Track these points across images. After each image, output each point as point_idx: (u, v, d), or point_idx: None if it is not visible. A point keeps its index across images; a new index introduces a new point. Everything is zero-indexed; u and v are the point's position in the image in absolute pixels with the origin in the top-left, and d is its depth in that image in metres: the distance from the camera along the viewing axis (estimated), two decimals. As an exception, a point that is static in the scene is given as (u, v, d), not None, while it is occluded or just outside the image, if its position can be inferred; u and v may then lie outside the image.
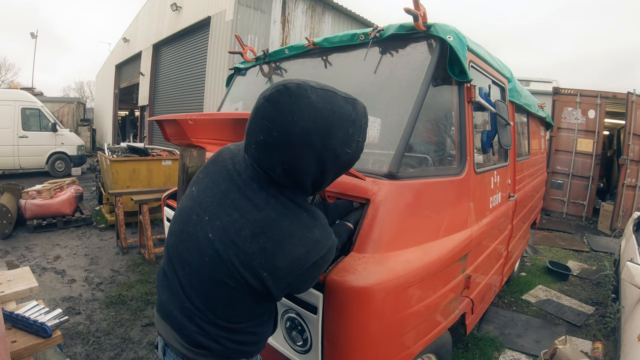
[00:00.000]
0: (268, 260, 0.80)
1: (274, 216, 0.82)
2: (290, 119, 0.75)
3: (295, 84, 0.78)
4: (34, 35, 19.98)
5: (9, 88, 10.10)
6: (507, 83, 2.47)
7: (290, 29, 8.98)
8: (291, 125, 0.75)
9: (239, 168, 0.90)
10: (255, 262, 0.81)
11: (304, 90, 0.77)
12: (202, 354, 0.91)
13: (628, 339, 1.96)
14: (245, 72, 2.65)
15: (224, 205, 0.86)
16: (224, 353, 0.91)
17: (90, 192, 7.45)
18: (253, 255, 0.81)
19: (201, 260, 0.86)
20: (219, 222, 0.85)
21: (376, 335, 1.29)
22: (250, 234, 0.81)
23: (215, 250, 0.84)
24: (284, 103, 0.76)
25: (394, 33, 1.70)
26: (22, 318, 1.74)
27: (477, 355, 2.53)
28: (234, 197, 0.86)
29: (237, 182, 0.88)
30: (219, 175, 0.92)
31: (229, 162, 0.93)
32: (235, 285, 0.83)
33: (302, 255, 0.82)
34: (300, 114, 0.75)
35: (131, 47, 14.18)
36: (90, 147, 15.01)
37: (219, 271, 0.83)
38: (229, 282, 0.83)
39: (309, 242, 0.83)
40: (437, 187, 1.59)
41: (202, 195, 0.91)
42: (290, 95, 0.76)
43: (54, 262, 3.96)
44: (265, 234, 0.81)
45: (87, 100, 29.19)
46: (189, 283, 0.89)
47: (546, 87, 13.15)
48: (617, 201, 6.30)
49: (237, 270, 0.82)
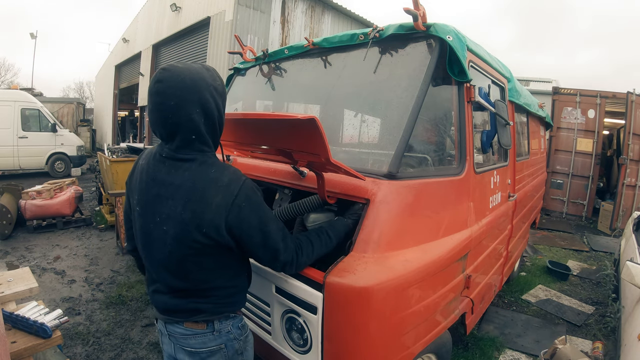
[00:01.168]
0: (202, 217, 1.00)
1: (190, 184, 1.02)
2: (174, 87, 0.98)
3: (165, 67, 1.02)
4: (33, 36, 19.97)
5: (9, 88, 10.10)
6: (507, 83, 2.47)
7: (289, 29, 8.98)
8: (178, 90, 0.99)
9: (156, 165, 1.08)
10: (194, 223, 1.00)
11: (174, 67, 1.01)
12: (200, 317, 1.12)
13: (628, 338, 1.96)
14: (245, 73, 2.65)
15: (161, 203, 1.05)
16: (217, 310, 1.13)
17: (90, 193, 7.45)
18: (191, 220, 1.00)
19: (166, 249, 1.05)
20: (164, 215, 1.04)
21: (376, 335, 1.29)
22: (182, 207, 1.01)
23: (171, 236, 1.03)
24: (166, 80, 0.98)
25: (393, 33, 1.70)
26: (22, 318, 1.74)
27: (477, 355, 2.53)
28: (162, 191, 1.05)
29: (158, 177, 1.06)
30: (144, 185, 1.10)
31: (145, 169, 1.11)
32: (195, 252, 1.03)
33: (220, 201, 1.00)
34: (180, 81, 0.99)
35: (131, 48, 14.18)
36: (90, 148, 15.00)
37: (181, 249, 1.03)
38: (189, 252, 1.03)
39: (221, 189, 1.01)
40: (436, 187, 1.59)
41: (145, 207, 1.10)
42: (166, 71, 1.00)
43: (54, 262, 3.96)
44: (190, 199, 1.01)
45: (86, 100, 29.17)
46: (165, 271, 1.09)
47: (546, 86, 13.15)
48: (617, 201, 6.30)
49: (190, 239, 1.01)
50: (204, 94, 1.01)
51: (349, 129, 2.04)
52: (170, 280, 1.10)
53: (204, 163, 1.04)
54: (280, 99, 2.59)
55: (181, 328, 1.13)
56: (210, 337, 1.13)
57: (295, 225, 1.64)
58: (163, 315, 1.15)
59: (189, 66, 1.02)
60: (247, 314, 1.67)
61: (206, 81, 1.02)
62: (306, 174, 1.58)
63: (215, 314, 1.13)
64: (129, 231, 1.25)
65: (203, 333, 1.13)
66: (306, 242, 1.23)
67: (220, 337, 1.14)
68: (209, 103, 1.02)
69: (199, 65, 1.05)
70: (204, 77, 1.02)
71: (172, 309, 1.13)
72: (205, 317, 1.12)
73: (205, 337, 1.13)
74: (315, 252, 1.24)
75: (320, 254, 1.27)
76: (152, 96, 1.00)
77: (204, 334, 1.13)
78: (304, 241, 1.23)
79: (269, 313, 1.51)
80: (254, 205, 1.04)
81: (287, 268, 1.18)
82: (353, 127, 2.03)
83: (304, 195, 1.56)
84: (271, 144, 1.43)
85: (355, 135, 2.06)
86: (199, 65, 1.06)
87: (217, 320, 1.13)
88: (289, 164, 1.57)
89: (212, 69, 1.09)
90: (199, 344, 1.13)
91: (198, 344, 1.13)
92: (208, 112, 1.03)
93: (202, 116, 1.02)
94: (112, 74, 16.54)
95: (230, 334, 1.16)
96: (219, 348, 1.14)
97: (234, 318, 1.18)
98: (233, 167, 1.07)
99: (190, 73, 1.00)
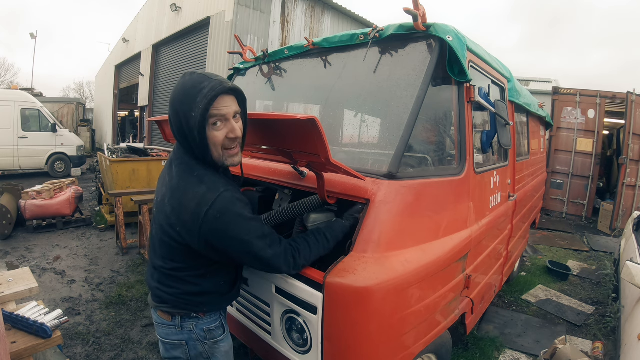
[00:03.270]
0: (178, 215, 1.08)
1: (175, 182, 1.12)
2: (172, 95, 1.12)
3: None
4: (33, 36, 19.97)
5: (9, 89, 10.10)
6: (507, 83, 2.47)
7: (289, 29, 8.98)
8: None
9: (173, 161, 1.19)
10: (172, 219, 1.09)
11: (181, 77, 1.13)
12: (164, 307, 1.20)
13: (628, 338, 1.96)
14: (245, 73, 2.65)
15: (165, 190, 1.16)
16: (178, 304, 1.18)
17: (90, 193, 7.45)
18: (170, 214, 1.10)
19: (156, 230, 1.18)
20: (159, 198, 1.18)
21: (376, 336, 1.29)
22: (168, 200, 1.11)
23: (157, 220, 1.17)
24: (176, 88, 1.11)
25: (393, 33, 1.70)
26: (22, 319, 1.73)
27: (477, 355, 2.53)
28: (167, 181, 1.17)
29: (170, 170, 1.18)
30: (165, 174, 1.22)
31: (168, 163, 1.23)
32: (169, 240, 1.12)
33: (195, 208, 1.05)
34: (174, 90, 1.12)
35: (131, 48, 14.18)
36: (90, 148, 15.00)
37: (162, 233, 1.14)
38: (164, 238, 1.13)
39: (197, 196, 1.06)
40: (436, 187, 1.59)
41: (159, 192, 1.22)
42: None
43: (54, 262, 3.95)
44: (173, 196, 1.10)
45: (86, 100, 29.18)
46: (153, 252, 1.21)
47: (546, 87, 13.15)
48: (617, 201, 6.30)
49: (168, 228, 1.11)
50: (176, 106, 1.12)
51: (349, 129, 2.04)
52: (153, 258, 1.21)
53: (190, 169, 1.13)
54: (280, 99, 2.59)
55: (156, 315, 1.24)
56: (173, 330, 1.21)
57: (295, 225, 1.64)
58: (150, 298, 1.26)
59: (184, 77, 1.14)
60: (247, 314, 1.68)
61: (175, 93, 1.14)
62: (306, 174, 1.58)
63: (176, 307, 1.19)
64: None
65: (168, 325, 1.21)
66: (303, 244, 1.24)
67: (182, 334, 1.21)
68: (179, 116, 1.12)
69: (188, 75, 1.13)
70: (177, 90, 1.12)
71: (151, 286, 1.24)
72: (167, 309, 1.19)
73: (169, 329, 1.22)
74: (313, 254, 1.26)
75: (318, 255, 1.28)
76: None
77: (168, 325, 1.21)
78: (301, 243, 1.24)
79: (269, 313, 1.51)
80: (230, 216, 1.06)
81: (284, 271, 1.19)
82: (353, 127, 2.03)
83: (304, 195, 1.56)
84: (271, 144, 1.43)
85: (355, 136, 2.06)
86: (190, 74, 1.13)
87: (178, 315, 1.20)
88: (289, 164, 1.57)
89: (194, 78, 1.13)
90: (164, 334, 1.23)
91: (164, 334, 1.23)
92: (180, 125, 1.12)
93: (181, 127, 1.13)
94: (112, 74, 16.54)
95: (192, 333, 1.21)
96: (180, 344, 1.22)
97: (197, 319, 1.22)
98: (214, 177, 1.13)
99: (178, 85, 1.13)
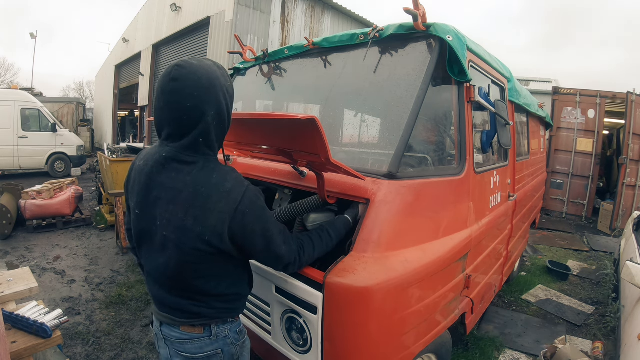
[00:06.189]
0: (204, 223, 0.97)
1: (192, 189, 0.98)
2: (187, 87, 0.95)
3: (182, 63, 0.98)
4: (33, 36, 19.98)
5: (9, 88, 10.09)
6: (507, 83, 2.47)
7: (289, 29, 8.98)
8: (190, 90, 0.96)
9: (156, 166, 1.04)
10: (197, 230, 0.97)
11: (189, 64, 0.97)
12: (197, 321, 1.10)
13: (628, 338, 1.96)
14: (245, 73, 2.65)
15: (161, 206, 1.02)
16: (212, 314, 1.10)
17: (90, 193, 7.44)
18: (193, 227, 0.97)
19: (166, 254, 1.03)
20: (165, 220, 1.01)
21: (376, 335, 1.29)
22: (184, 213, 0.98)
23: (172, 241, 1.00)
24: (182, 78, 0.95)
25: (393, 33, 1.70)
26: (22, 318, 1.74)
27: (477, 355, 2.53)
28: (162, 194, 1.02)
29: (169, 175, 1.02)
30: (143, 187, 1.07)
31: (143, 170, 1.07)
32: (195, 260, 1.00)
33: (224, 207, 0.97)
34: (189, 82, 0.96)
35: (131, 48, 14.18)
36: (90, 148, 15.00)
37: (181, 255, 1.00)
38: (189, 259, 1.00)
39: (224, 195, 0.98)
40: (436, 187, 1.59)
41: (144, 210, 1.07)
42: (182, 69, 0.96)
43: (54, 262, 3.95)
44: (193, 205, 0.97)
45: (86, 100, 29.11)
46: (165, 277, 1.07)
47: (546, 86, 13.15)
48: (617, 201, 6.30)
49: (191, 246, 0.98)
50: (219, 95, 0.99)
51: (349, 129, 2.04)
52: (169, 284, 1.08)
53: (206, 168, 1.01)
54: (280, 99, 2.59)
55: (177, 332, 1.10)
56: (207, 341, 1.11)
57: (295, 225, 1.64)
58: (161, 313, 1.13)
59: (203, 64, 0.99)
60: (247, 314, 1.67)
61: (220, 82, 1.00)
62: (306, 174, 1.58)
63: (213, 318, 1.11)
64: (130, 231, 1.22)
65: (200, 337, 1.10)
66: (307, 241, 1.23)
67: (217, 342, 1.12)
68: (222, 105, 1.01)
69: (211, 63, 1.03)
70: (218, 77, 1.00)
71: (171, 306, 1.10)
72: (203, 321, 1.10)
73: (202, 342, 1.11)
74: (317, 251, 1.24)
75: (322, 252, 1.27)
76: (165, 95, 0.96)
77: (200, 338, 1.11)
78: (306, 241, 1.22)
79: (269, 313, 1.51)
80: (257, 211, 1.02)
81: (290, 268, 1.18)
82: (353, 127, 2.03)
83: (304, 195, 1.56)
84: (271, 144, 1.43)
85: (355, 135, 2.06)
86: (211, 62, 1.03)
87: (214, 324, 1.12)
88: (289, 164, 1.57)
89: (223, 68, 1.07)
90: (195, 349, 1.11)
91: (194, 348, 1.11)
92: (221, 115, 1.01)
93: (216, 119, 1.00)
94: (112, 74, 16.54)
95: (227, 338, 1.14)
96: (215, 353, 1.12)
97: (232, 323, 1.16)
98: (235, 172, 1.05)
99: (207, 73, 0.97)
